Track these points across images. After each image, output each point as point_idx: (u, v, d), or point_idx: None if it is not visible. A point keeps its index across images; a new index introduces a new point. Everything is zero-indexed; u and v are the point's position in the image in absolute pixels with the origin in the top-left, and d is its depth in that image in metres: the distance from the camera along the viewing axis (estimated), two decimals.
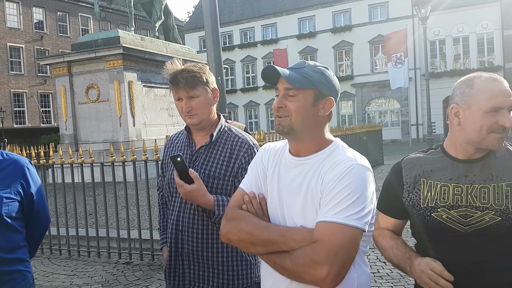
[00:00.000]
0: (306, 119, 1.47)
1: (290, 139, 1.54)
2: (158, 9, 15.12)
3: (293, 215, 1.48)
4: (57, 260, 5.86)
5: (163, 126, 13.61)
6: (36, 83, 36.93)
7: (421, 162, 1.69)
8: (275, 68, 1.47)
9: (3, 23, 34.51)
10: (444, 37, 31.82)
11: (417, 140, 31.77)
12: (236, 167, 2.06)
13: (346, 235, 1.33)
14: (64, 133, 13.22)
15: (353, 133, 13.12)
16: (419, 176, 1.66)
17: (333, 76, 1.52)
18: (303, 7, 36.78)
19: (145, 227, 6.16)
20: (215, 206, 1.98)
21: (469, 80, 1.59)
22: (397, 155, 20.10)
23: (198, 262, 2.08)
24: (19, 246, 2.06)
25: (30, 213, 2.13)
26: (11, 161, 2.06)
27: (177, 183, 1.97)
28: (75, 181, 5.85)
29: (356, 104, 34.88)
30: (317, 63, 1.53)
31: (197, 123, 2.08)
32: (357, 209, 1.35)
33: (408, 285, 4.35)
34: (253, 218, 1.53)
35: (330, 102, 1.50)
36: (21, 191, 2.04)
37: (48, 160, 6.08)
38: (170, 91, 2.12)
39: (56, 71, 13.24)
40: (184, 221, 2.09)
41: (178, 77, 2.03)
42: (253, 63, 39.26)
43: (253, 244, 1.48)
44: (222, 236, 1.58)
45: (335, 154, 1.48)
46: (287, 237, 1.41)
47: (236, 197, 1.62)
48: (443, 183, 1.60)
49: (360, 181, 1.39)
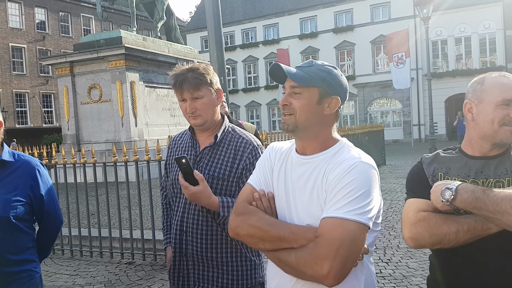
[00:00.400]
0: (310, 117, 1.48)
1: (295, 137, 1.55)
2: (160, 10, 15.11)
3: (299, 213, 1.49)
4: (59, 260, 5.87)
5: (165, 126, 13.61)
6: (38, 83, 36.99)
7: (439, 159, 1.72)
8: (281, 66, 1.48)
9: (5, 23, 34.58)
10: (446, 37, 31.77)
11: (419, 140, 31.73)
12: (240, 168, 2.06)
13: (347, 229, 1.33)
14: (66, 133, 13.23)
15: (355, 134, 13.11)
16: (437, 170, 1.68)
17: (341, 76, 1.53)
18: (305, 7, 36.78)
19: (148, 227, 6.17)
20: (220, 208, 1.98)
21: (480, 78, 1.67)
22: (399, 156, 20.08)
23: (202, 263, 2.08)
24: (27, 247, 2.08)
25: (41, 214, 2.14)
26: (22, 163, 2.07)
27: (182, 184, 1.96)
28: (77, 181, 5.86)
29: (358, 104, 34.87)
30: (325, 62, 1.54)
31: (201, 124, 2.08)
32: (359, 204, 1.35)
33: (410, 286, 4.35)
34: (263, 214, 1.54)
35: (335, 101, 1.50)
36: (30, 194, 2.04)
37: (50, 160, 6.09)
38: (175, 92, 2.10)
39: (58, 71, 13.25)
40: (189, 221, 2.09)
41: (184, 78, 2.03)
42: (255, 63, 39.27)
43: (262, 240, 1.48)
44: (231, 231, 1.58)
45: (340, 153, 1.49)
46: (297, 235, 1.42)
47: (245, 192, 1.63)
48: (461, 178, 1.61)
49: (364, 178, 1.39)
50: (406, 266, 4.90)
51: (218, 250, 2.06)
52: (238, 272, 2.06)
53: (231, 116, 3.61)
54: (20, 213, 1.98)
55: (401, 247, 5.63)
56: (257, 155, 2.07)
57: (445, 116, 32.29)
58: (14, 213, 1.96)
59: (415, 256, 5.21)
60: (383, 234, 6.27)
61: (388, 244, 5.81)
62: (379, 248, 5.58)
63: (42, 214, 2.14)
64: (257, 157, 2.05)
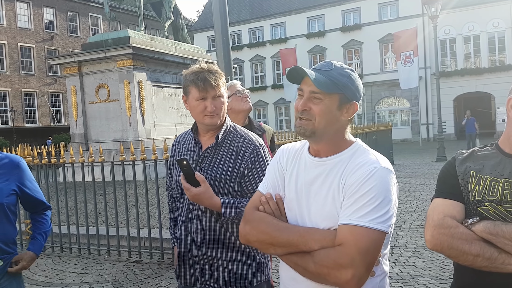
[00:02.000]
0: (329, 123, 1.46)
1: (311, 141, 1.53)
2: (168, 9, 15.16)
3: (312, 215, 1.49)
4: (67, 258, 5.90)
5: (172, 125, 13.65)
6: (47, 83, 37.25)
7: (473, 157, 1.64)
8: (302, 70, 1.45)
9: (14, 23, 34.85)
10: (455, 35, 31.57)
11: (427, 139, 31.56)
12: (242, 168, 2.05)
13: (371, 238, 1.34)
14: (74, 133, 13.31)
15: (363, 133, 13.06)
16: (469, 169, 1.60)
17: (358, 80, 1.52)
18: (312, 6, 36.70)
19: (155, 225, 6.19)
20: (222, 208, 1.98)
21: None
22: (407, 155, 19.99)
23: (208, 262, 2.09)
24: (13, 240, 2.22)
25: (31, 202, 2.34)
26: (6, 157, 2.23)
27: (184, 186, 1.97)
28: (85, 180, 5.89)
29: (366, 103, 34.74)
30: (343, 65, 1.52)
31: (217, 123, 2.07)
32: (381, 212, 1.36)
33: (417, 285, 4.33)
34: (271, 219, 1.53)
35: (354, 106, 1.50)
36: (19, 184, 2.21)
37: (59, 159, 6.12)
38: (189, 90, 2.07)
39: (66, 70, 13.33)
40: (193, 222, 2.09)
41: (205, 76, 2.01)
42: (262, 62, 39.27)
43: (272, 245, 1.49)
44: (241, 238, 1.59)
45: (357, 156, 1.48)
46: (306, 238, 1.42)
47: (254, 199, 1.63)
48: (494, 177, 1.54)
49: (384, 184, 1.39)
50: (414, 266, 4.88)
51: (223, 249, 2.06)
52: (244, 270, 2.07)
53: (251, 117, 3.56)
54: (11, 202, 2.14)
55: (409, 247, 5.60)
56: (259, 154, 2.07)
57: (453, 115, 32.10)
58: (7, 201, 2.11)
59: (422, 256, 5.19)
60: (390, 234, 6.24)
61: (395, 243, 5.79)
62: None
63: (31, 202, 2.33)
64: (258, 156, 2.05)
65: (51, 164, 6.18)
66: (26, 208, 2.42)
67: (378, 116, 34.40)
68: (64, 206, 6.17)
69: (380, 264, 1.50)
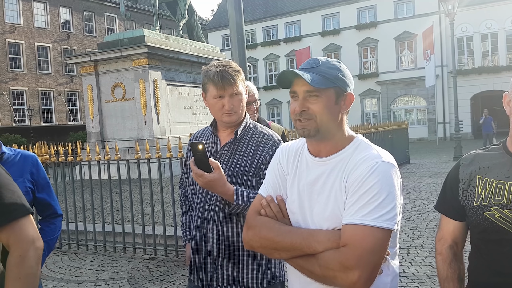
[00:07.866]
0: (331, 118, 1.44)
1: (314, 140, 1.49)
2: (183, 8, 15.20)
3: (314, 216, 1.46)
4: (83, 255, 5.97)
5: (187, 124, 13.70)
6: (63, 82, 37.70)
7: (479, 158, 1.60)
8: (291, 72, 1.42)
9: (31, 23, 35.32)
10: (472, 33, 31.11)
11: (444, 138, 31.19)
12: (260, 162, 2.03)
13: (377, 237, 1.30)
14: (91, 131, 13.44)
15: (378, 131, 12.96)
16: (475, 173, 1.56)
17: (347, 70, 1.50)
18: (327, 4, 36.51)
19: (170, 223, 6.22)
20: (234, 196, 1.91)
21: None
22: (423, 154, 19.78)
23: (222, 261, 2.06)
24: None
25: (44, 200, 2.29)
26: (20, 154, 2.22)
27: (196, 172, 1.84)
28: (101, 177, 5.94)
29: (381, 102, 34.46)
30: (328, 59, 1.49)
31: (235, 121, 2.06)
32: (385, 209, 1.32)
33: (434, 286, 4.28)
34: (273, 223, 1.50)
35: (350, 97, 1.48)
36: (32, 180, 2.19)
37: (75, 157, 6.19)
38: (207, 87, 2.04)
39: (83, 70, 13.47)
40: (209, 218, 2.07)
41: (223, 74, 1.98)
42: (276, 61, 39.20)
43: (276, 250, 1.46)
44: (245, 244, 1.56)
45: (358, 152, 1.44)
46: (309, 240, 1.39)
47: (255, 203, 1.60)
48: (499, 180, 1.49)
49: (387, 180, 1.35)
50: (430, 266, 4.82)
51: (238, 247, 2.03)
52: (258, 270, 2.04)
53: (260, 116, 3.55)
54: (28, 200, 2.08)
55: (425, 247, 5.54)
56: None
57: (470, 114, 31.65)
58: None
59: None
60: (407, 234, 6.18)
61: (411, 243, 5.73)
62: (402, 247, 5.51)
63: (41, 202, 2.28)
64: None
65: (68, 162, 6.25)
66: (37, 209, 2.32)
67: (394, 115, 34.08)
68: (80, 204, 6.23)
69: (388, 261, 1.45)
